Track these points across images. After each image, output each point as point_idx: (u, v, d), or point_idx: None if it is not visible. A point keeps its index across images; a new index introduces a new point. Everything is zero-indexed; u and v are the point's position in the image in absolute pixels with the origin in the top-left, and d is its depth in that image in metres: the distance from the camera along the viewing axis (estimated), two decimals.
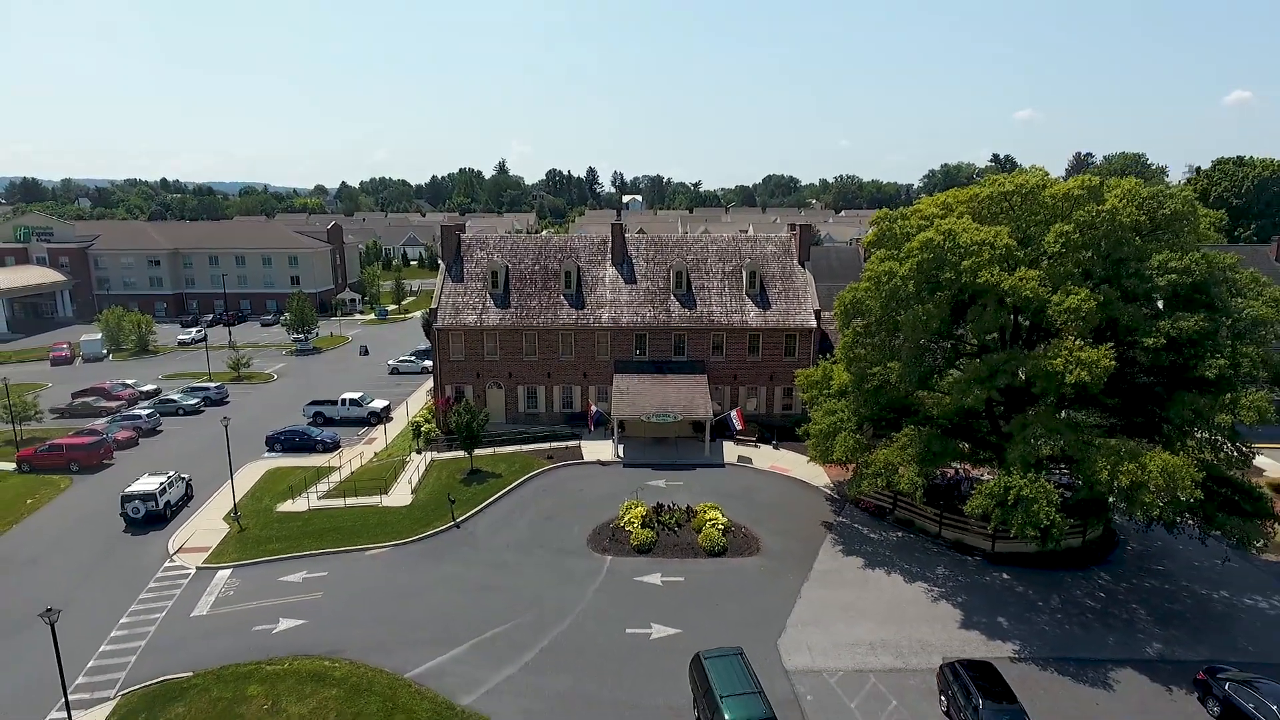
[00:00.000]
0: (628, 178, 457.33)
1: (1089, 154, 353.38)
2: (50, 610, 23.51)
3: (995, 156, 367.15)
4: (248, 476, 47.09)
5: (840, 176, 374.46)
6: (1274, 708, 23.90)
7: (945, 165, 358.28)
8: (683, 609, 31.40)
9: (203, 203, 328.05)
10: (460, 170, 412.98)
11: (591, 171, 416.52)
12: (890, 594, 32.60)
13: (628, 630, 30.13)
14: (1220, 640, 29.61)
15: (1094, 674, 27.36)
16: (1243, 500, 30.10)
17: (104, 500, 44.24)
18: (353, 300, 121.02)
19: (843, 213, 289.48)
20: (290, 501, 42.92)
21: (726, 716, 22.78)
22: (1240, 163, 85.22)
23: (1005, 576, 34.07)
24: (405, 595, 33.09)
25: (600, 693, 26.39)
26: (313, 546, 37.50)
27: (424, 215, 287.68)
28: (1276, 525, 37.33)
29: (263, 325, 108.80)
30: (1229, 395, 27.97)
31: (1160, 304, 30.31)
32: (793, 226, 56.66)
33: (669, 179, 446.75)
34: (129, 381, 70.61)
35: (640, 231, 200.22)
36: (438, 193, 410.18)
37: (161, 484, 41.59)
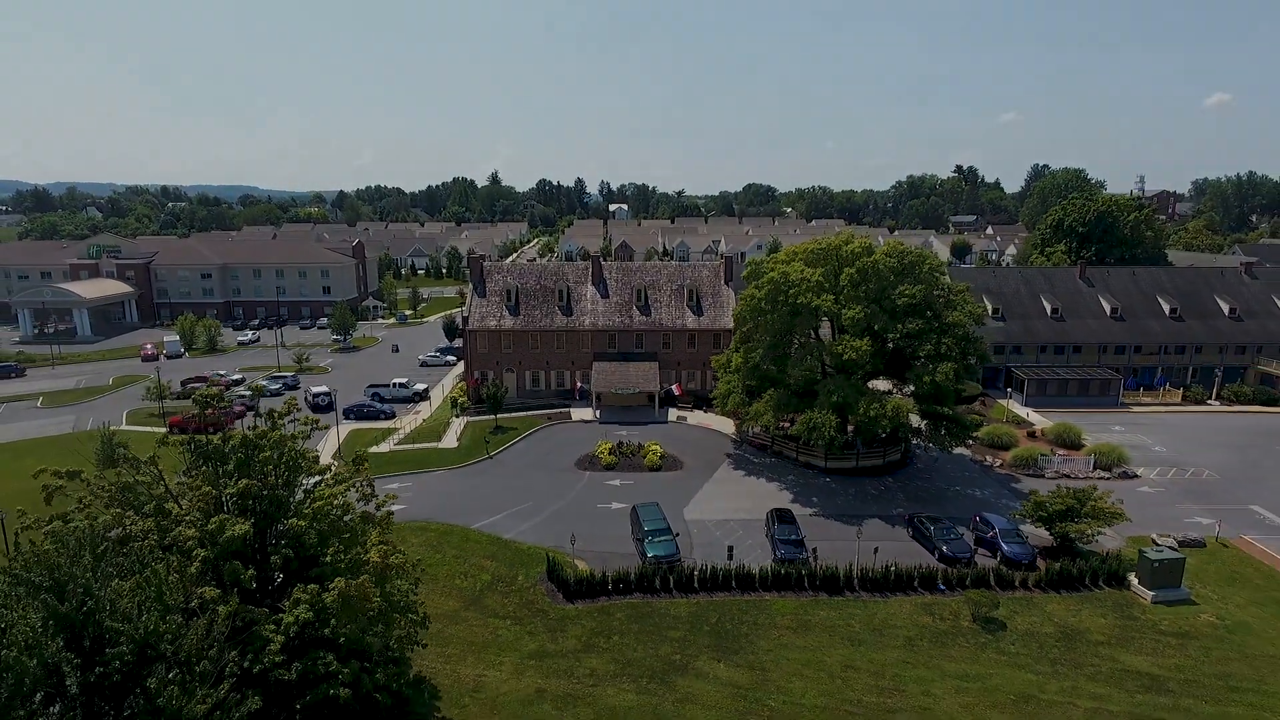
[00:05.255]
0: (614, 185, 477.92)
1: (1045, 165, 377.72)
2: None
3: (958, 168, 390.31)
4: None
5: (813, 187, 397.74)
6: (931, 528, 45.72)
7: (911, 176, 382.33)
8: (631, 495, 52.86)
9: (211, 213, 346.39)
10: (455, 179, 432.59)
11: (580, 182, 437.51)
12: (755, 488, 54.40)
13: (597, 506, 51.76)
14: (937, 508, 51.35)
15: (854, 520, 49.01)
16: (950, 425, 51.98)
17: None
18: (375, 307, 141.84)
19: (813, 222, 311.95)
20: (376, 446, 64.22)
21: (645, 527, 44.50)
22: (1088, 198, 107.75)
23: (828, 480, 55.92)
24: (463, 492, 54.48)
25: (580, 529, 47.51)
26: (399, 470, 58.77)
27: (423, 225, 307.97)
28: (1007, 451, 59.63)
29: (301, 329, 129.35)
30: (931, 366, 49.93)
31: (906, 314, 52.24)
32: (724, 257, 78.46)
33: (654, 187, 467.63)
34: (221, 372, 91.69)
35: (624, 243, 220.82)
36: (433, 201, 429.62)
37: (328, 389, 73.98)
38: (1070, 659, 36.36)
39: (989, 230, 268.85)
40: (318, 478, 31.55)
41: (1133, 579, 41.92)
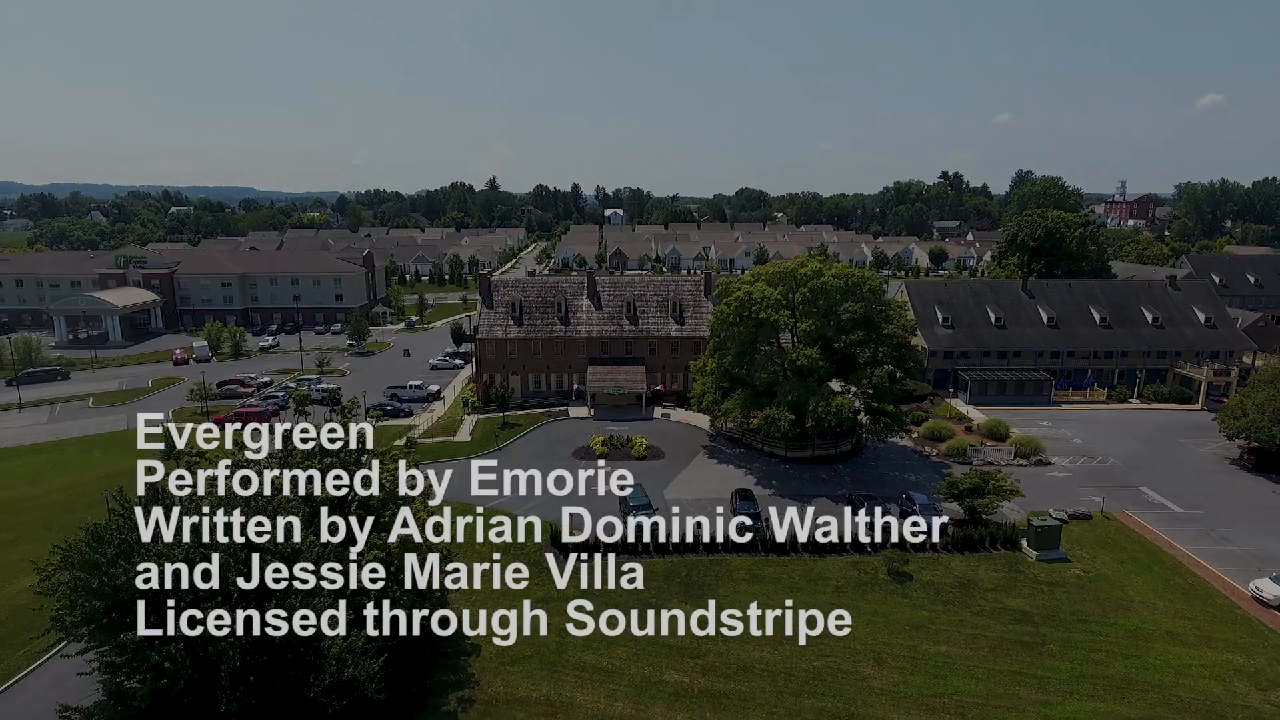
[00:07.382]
0: (609, 190, 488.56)
1: (1029, 170, 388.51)
2: None
3: (944, 173, 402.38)
4: None
5: (804, 193, 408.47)
6: (865, 499, 55.67)
7: (898, 182, 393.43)
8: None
9: (216, 218, 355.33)
10: (454, 184, 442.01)
11: (576, 187, 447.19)
12: (725, 473, 64.31)
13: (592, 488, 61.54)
14: (877, 489, 61.29)
15: (806, 498, 59.01)
16: (888, 419, 62.00)
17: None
18: (384, 313, 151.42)
19: (803, 228, 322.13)
20: (397, 441, 73.82)
21: (631, 504, 54.38)
22: (1041, 215, 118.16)
23: (787, 467, 65.88)
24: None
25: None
26: (421, 460, 68.16)
27: (423, 231, 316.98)
28: (941, 441, 69.54)
29: (316, 334, 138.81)
30: (869, 370, 59.94)
31: (851, 327, 62.27)
32: (703, 272, 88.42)
33: (649, 191, 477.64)
34: (251, 375, 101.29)
35: (618, 250, 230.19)
36: (432, 205, 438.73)
37: (338, 389, 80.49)
38: (962, 601, 46.36)
39: (969, 236, 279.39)
40: (379, 457, 41.33)
41: (1023, 542, 51.90)
